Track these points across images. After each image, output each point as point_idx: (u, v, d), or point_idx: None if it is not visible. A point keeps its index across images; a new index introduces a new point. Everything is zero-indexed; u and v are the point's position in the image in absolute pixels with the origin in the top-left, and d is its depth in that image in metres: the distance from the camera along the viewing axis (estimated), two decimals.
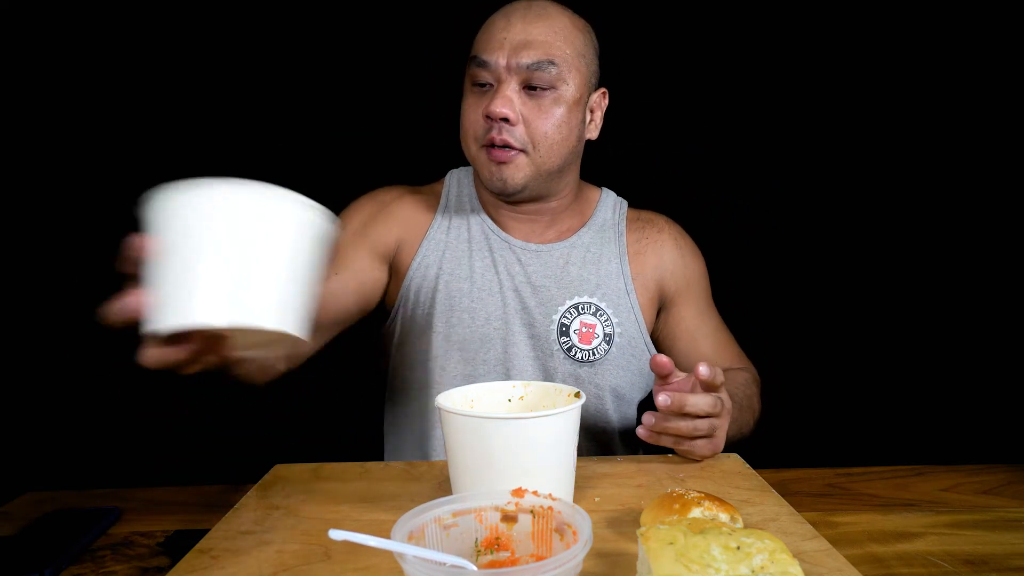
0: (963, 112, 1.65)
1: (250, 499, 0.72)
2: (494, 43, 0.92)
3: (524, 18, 0.92)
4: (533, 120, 0.92)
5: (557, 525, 0.50)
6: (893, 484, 0.81)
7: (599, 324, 1.00)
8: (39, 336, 1.67)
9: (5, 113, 1.61)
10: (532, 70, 0.90)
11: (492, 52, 0.91)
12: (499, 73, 0.91)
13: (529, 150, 0.93)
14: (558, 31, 0.93)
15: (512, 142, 0.92)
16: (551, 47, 0.91)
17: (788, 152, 1.72)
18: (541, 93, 0.92)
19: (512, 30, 0.91)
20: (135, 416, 1.69)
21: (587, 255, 1.03)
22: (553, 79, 0.91)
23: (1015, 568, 0.59)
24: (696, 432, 0.78)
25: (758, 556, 0.45)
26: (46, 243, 1.67)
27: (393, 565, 0.54)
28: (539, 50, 0.90)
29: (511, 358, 0.99)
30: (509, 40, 0.91)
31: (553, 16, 0.94)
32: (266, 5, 1.63)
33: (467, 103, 0.96)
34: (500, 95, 0.90)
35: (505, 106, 0.90)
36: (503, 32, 0.92)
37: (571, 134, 0.95)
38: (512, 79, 0.91)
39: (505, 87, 0.91)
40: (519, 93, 0.92)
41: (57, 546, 0.65)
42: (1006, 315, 1.66)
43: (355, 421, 1.43)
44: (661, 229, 1.09)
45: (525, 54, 0.90)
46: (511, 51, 0.90)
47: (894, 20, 1.64)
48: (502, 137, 0.91)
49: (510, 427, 0.59)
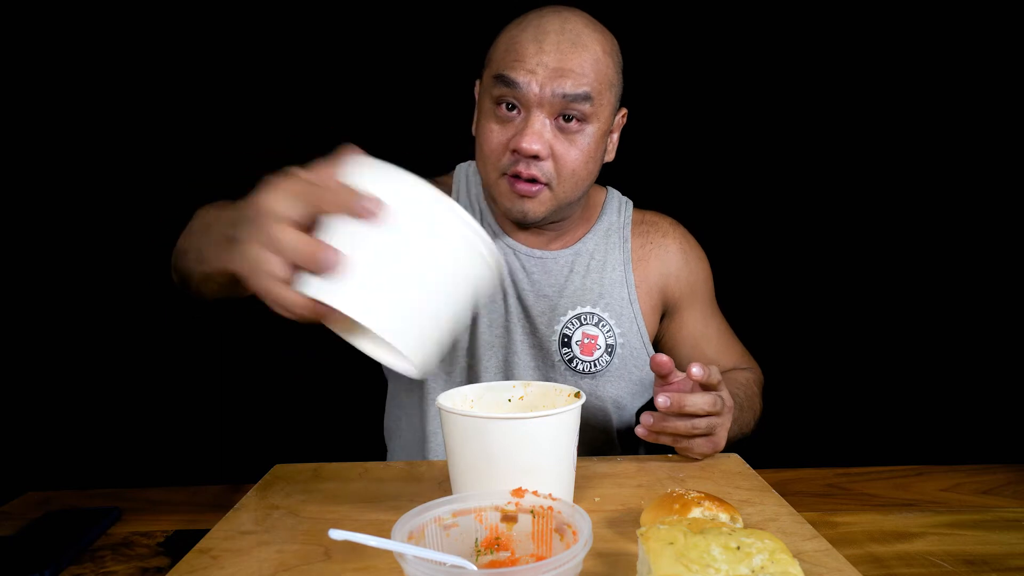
0: (963, 112, 1.65)
1: (250, 499, 0.72)
2: (526, 64, 0.84)
3: (559, 46, 0.84)
4: (563, 155, 0.87)
5: (557, 525, 0.50)
6: (893, 484, 0.81)
7: (601, 335, 0.99)
8: (39, 336, 1.67)
9: (5, 113, 1.61)
10: (568, 101, 0.84)
11: (524, 74, 0.84)
12: (529, 100, 0.84)
13: (554, 184, 0.89)
14: (594, 62, 0.86)
15: (539, 177, 0.87)
16: (588, 78, 0.85)
17: (791, 153, 1.72)
18: (571, 126, 0.86)
19: (545, 55, 0.84)
20: (135, 416, 1.69)
21: (591, 263, 1.02)
22: (588, 112, 0.86)
23: (1015, 568, 0.59)
24: (695, 431, 0.78)
25: (758, 556, 0.45)
26: (46, 243, 1.66)
27: (393, 565, 0.54)
28: (576, 81, 0.84)
29: (512, 367, 0.98)
30: (544, 64, 0.84)
31: (588, 45, 0.86)
32: (257, 15, 1.63)
33: (488, 127, 0.88)
34: (531, 130, 0.84)
35: (537, 142, 0.84)
36: (535, 56, 0.84)
37: (595, 167, 0.93)
38: (543, 110, 0.85)
39: (535, 119, 0.85)
40: (550, 126, 0.86)
41: (57, 546, 0.64)
42: (1006, 315, 1.66)
43: (355, 421, 1.43)
44: (666, 233, 1.08)
45: (561, 83, 0.84)
46: (545, 78, 0.84)
47: (894, 20, 1.64)
48: (530, 172, 0.86)
49: (510, 427, 0.59)
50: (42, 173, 1.66)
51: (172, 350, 1.71)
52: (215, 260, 0.62)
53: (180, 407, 1.70)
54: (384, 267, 0.48)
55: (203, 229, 0.70)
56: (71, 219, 1.67)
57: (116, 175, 1.69)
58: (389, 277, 0.48)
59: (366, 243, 0.48)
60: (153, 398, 1.70)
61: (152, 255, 1.71)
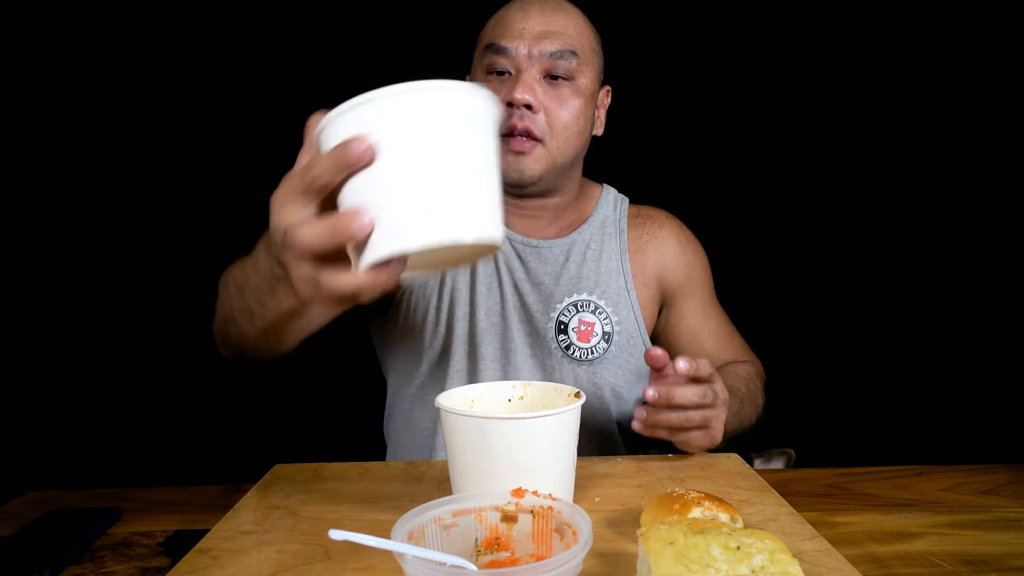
0: (963, 112, 1.65)
1: (250, 499, 0.72)
2: (513, 31, 0.91)
3: (543, 10, 0.93)
4: (554, 109, 0.92)
5: (557, 525, 0.50)
6: (893, 484, 0.81)
7: (598, 322, 0.99)
8: (39, 336, 1.67)
9: (5, 113, 1.61)
10: (555, 58, 0.90)
11: (512, 39, 0.91)
12: (519, 61, 0.91)
13: (547, 140, 0.92)
14: (577, 25, 0.94)
15: (534, 130, 0.91)
16: (571, 38, 0.92)
17: (791, 151, 1.72)
18: (561, 83, 0.92)
19: (531, 21, 0.92)
20: (135, 416, 1.69)
21: (588, 252, 1.03)
22: (573, 69, 0.92)
23: (1015, 568, 0.59)
24: (688, 423, 0.76)
25: (758, 556, 0.45)
26: (46, 243, 1.66)
27: (393, 565, 0.54)
28: (560, 40, 0.91)
29: (509, 354, 0.98)
30: (529, 30, 0.91)
31: (569, 10, 0.95)
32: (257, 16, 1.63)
33: None
34: (523, 82, 0.90)
35: (529, 92, 0.89)
36: (521, 23, 0.92)
37: (585, 127, 0.96)
38: (533, 67, 0.91)
39: (527, 74, 0.90)
40: (540, 82, 0.91)
41: (57, 546, 0.64)
42: (1006, 316, 1.66)
43: (355, 421, 1.43)
44: (662, 225, 1.09)
45: (547, 43, 0.90)
46: (532, 40, 0.91)
47: (894, 20, 1.64)
48: (524, 124, 0.90)
49: (510, 427, 0.59)
50: (42, 173, 1.66)
51: (172, 350, 1.71)
52: (272, 307, 0.62)
53: (180, 407, 1.70)
54: (406, 186, 0.45)
55: (239, 290, 0.69)
56: (71, 219, 1.67)
57: (116, 175, 1.69)
58: (416, 190, 0.45)
59: (378, 180, 0.46)
60: (153, 398, 1.70)
61: (152, 255, 1.72)
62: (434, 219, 0.45)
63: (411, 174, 0.45)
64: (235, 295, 0.70)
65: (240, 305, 0.69)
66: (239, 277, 0.70)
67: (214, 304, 0.79)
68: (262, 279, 0.62)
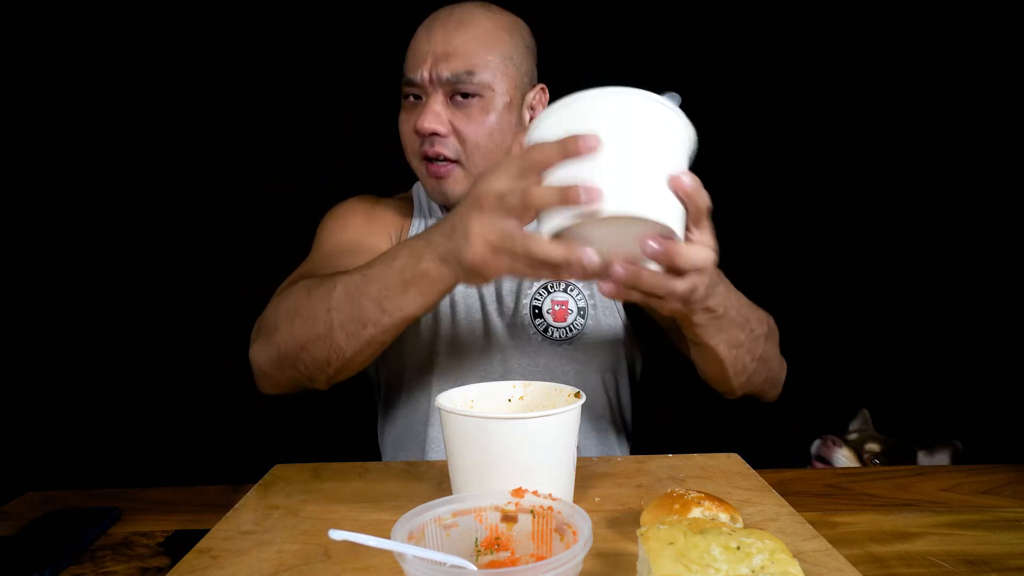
0: (964, 108, 1.65)
1: (250, 499, 0.72)
2: (418, 57, 0.92)
3: (444, 28, 0.92)
4: (463, 129, 0.91)
5: (557, 525, 0.50)
6: (893, 484, 0.81)
7: (571, 299, 1.00)
8: (39, 336, 1.67)
9: (5, 113, 1.61)
10: (453, 82, 0.90)
11: (416, 68, 0.91)
12: (424, 87, 0.91)
13: (463, 160, 0.92)
14: (479, 38, 0.91)
15: (446, 153, 0.92)
16: (471, 56, 0.90)
17: (791, 150, 1.72)
18: (468, 101, 0.91)
19: (433, 41, 0.91)
20: (135, 416, 1.69)
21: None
22: (477, 87, 0.90)
23: (1015, 568, 0.59)
24: (675, 290, 0.62)
25: (758, 556, 0.45)
26: (46, 243, 1.66)
27: (393, 565, 0.54)
28: (459, 61, 0.90)
29: (491, 347, 0.99)
30: (432, 52, 0.91)
31: (475, 22, 0.92)
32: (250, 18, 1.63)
33: (401, 118, 0.97)
34: (427, 111, 0.90)
35: (432, 121, 0.90)
36: (425, 44, 0.92)
37: (505, 139, 0.94)
38: (438, 92, 0.91)
39: (432, 101, 0.91)
40: (446, 105, 0.91)
41: (57, 546, 0.64)
42: (1006, 316, 1.66)
43: (355, 421, 1.43)
44: None
45: (444, 66, 0.90)
46: (432, 64, 0.90)
47: (894, 19, 1.64)
48: (435, 150, 0.91)
49: (510, 427, 0.59)
50: (42, 173, 1.66)
51: (172, 350, 1.71)
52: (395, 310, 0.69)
53: (180, 407, 1.70)
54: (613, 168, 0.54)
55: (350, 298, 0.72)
56: (71, 219, 1.67)
57: (116, 175, 1.68)
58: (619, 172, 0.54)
59: (596, 162, 0.54)
60: (153, 398, 1.70)
61: (152, 255, 1.72)
62: (628, 196, 0.54)
63: (619, 163, 0.55)
64: (344, 305, 0.72)
65: (350, 314, 0.71)
66: (355, 286, 0.71)
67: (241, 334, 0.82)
68: (393, 281, 0.68)
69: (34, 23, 1.60)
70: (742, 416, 1.47)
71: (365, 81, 1.67)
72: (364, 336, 0.72)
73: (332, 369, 0.77)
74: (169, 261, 1.70)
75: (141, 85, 1.66)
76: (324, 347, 0.74)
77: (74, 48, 1.62)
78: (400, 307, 0.69)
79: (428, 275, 0.66)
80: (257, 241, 1.66)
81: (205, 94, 1.68)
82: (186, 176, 1.70)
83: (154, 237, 1.70)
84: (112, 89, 1.65)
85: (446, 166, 0.92)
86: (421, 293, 0.67)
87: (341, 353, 0.74)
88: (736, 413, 1.64)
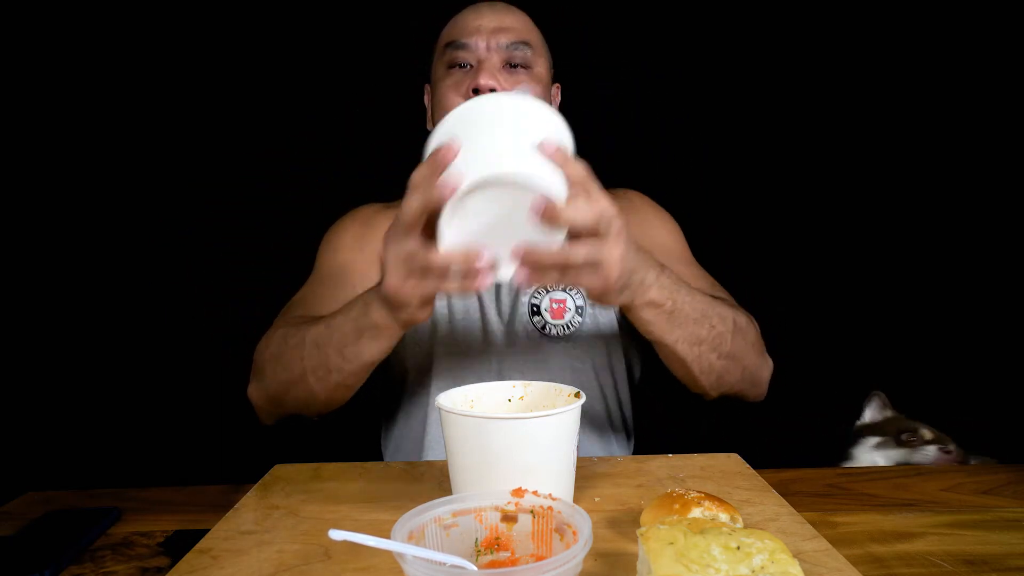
0: (968, 101, 1.65)
1: (250, 499, 0.72)
2: (470, 28, 0.98)
3: (493, 9, 1.00)
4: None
5: (557, 525, 0.50)
6: (893, 484, 0.81)
7: (569, 298, 1.01)
8: (39, 336, 1.67)
9: (5, 113, 1.61)
10: (511, 49, 0.97)
11: (470, 35, 0.97)
12: (479, 53, 0.97)
13: None
14: (526, 21, 1.02)
15: None
16: (524, 31, 0.99)
17: (790, 150, 1.72)
18: (520, 71, 0.98)
19: (484, 19, 0.98)
20: (135, 416, 1.69)
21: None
22: (530, 59, 0.98)
23: (1015, 568, 0.59)
24: (574, 259, 0.62)
25: (758, 556, 0.45)
26: (46, 243, 1.66)
27: (393, 565, 0.54)
28: (514, 33, 0.98)
29: (490, 346, 1.00)
30: (485, 26, 0.97)
31: (517, 11, 1.03)
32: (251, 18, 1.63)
33: (446, 84, 0.99)
34: (486, 69, 0.95)
35: (492, 78, 0.94)
36: (476, 21, 0.98)
37: None
38: (493, 56, 0.96)
39: (488, 62, 0.96)
40: (501, 70, 0.97)
41: (57, 546, 0.64)
42: (1006, 316, 1.66)
43: (355, 421, 1.43)
44: (618, 195, 1.06)
45: (503, 35, 0.97)
46: (489, 34, 0.97)
47: (894, 19, 1.64)
48: None
49: (510, 427, 0.59)
50: (42, 173, 1.66)
51: (172, 350, 1.71)
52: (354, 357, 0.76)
53: (180, 407, 1.70)
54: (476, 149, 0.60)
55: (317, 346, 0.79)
56: (71, 219, 1.67)
57: (116, 175, 1.68)
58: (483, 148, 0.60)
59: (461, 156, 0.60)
60: (153, 398, 1.70)
61: (152, 255, 1.72)
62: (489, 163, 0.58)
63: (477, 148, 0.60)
64: (311, 353, 0.79)
65: (316, 362, 0.79)
66: (320, 335, 0.78)
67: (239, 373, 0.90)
68: (349, 330, 0.74)
69: (34, 23, 1.60)
70: (742, 416, 1.47)
71: (365, 81, 1.67)
72: (332, 381, 0.79)
73: (314, 408, 0.85)
74: (169, 261, 1.70)
75: (141, 85, 1.66)
76: (302, 390, 0.82)
77: (74, 48, 1.62)
78: (358, 355, 0.75)
79: (375, 324, 0.72)
80: (257, 241, 1.66)
81: (206, 95, 1.68)
82: (186, 176, 1.70)
83: (154, 237, 1.70)
84: (112, 89, 1.65)
85: None
86: (374, 340, 0.74)
87: (315, 396, 0.82)
88: (736, 413, 1.64)
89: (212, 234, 1.69)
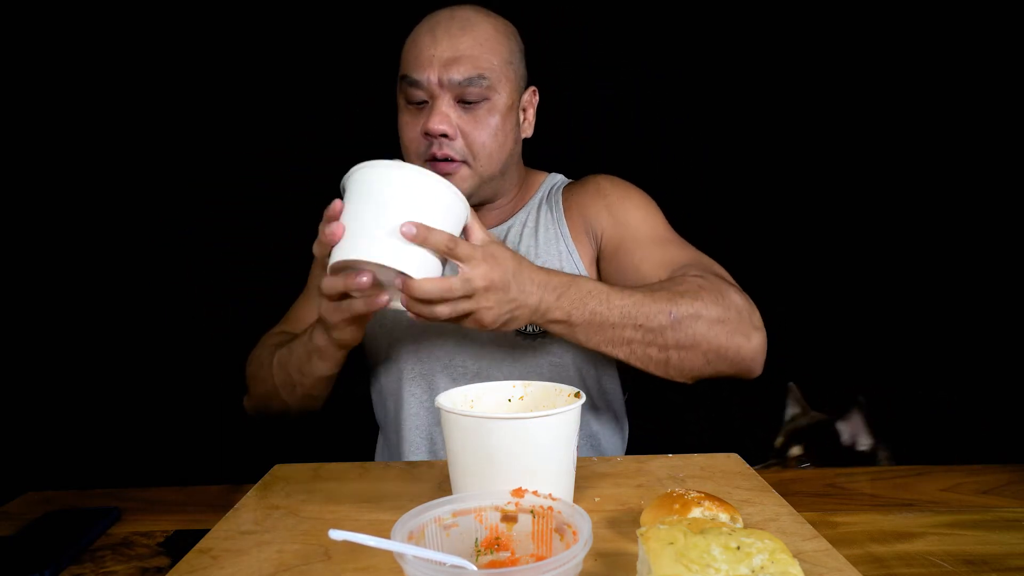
0: (965, 101, 1.65)
1: (250, 499, 0.72)
2: (423, 60, 0.92)
3: (448, 32, 0.92)
4: (470, 132, 0.93)
5: (557, 525, 0.50)
6: (893, 484, 0.81)
7: None
8: (39, 336, 1.67)
9: (5, 113, 1.61)
10: (464, 86, 0.91)
11: (422, 70, 0.91)
12: (432, 90, 0.92)
13: (470, 161, 0.94)
14: (483, 43, 0.93)
15: (453, 155, 0.93)
16: (479, 61, 0.92)
17: (792, 150, 1.72)
18: (475, 106, 0.93)
19: (439, 46, 0.91)
20: (135, 416, 1.69)
21: (524, 230, 1.04)
22: (484, 92, 0.92)
23: (1015, 568, 0.59)
24: (438, 315, 0.70)
25: (758, 556, 0.45)
26: (46, 243, 1.66)
27: (393, 565, 0.54)
28: (468, 65, 0.91)
29: (467, 347, 1.00)
30: (438, 57, 0.91)
31: (477, 27, 0.94)
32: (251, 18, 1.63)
33: (403, 121, 0.97)
34: (436, 112, 0.91)
35: (443, 123, 0.91)
36: (430, 49, 0.92)
37: (507, 139, 0.96)
38: (445, 94, 0.92)
39: (440, 103, 0.92)
40: (454, 107, 0.92)
41: (57, 546, 0.64)
42: (1006, 316, 1.66)
43: (355, 421, 1.43)
44: (587, 183, 1.06)
45: (455, 70, 0.90)
46: (441, 68, 0.91)
47: (894, 19, 1.64)
48: (443, 152, 0.92)
49: (510, 427, 0.59)
50: (42, 174, 1.66)
51: (172, 350, 1.71)
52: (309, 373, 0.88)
53: (180, 407, 1.70)
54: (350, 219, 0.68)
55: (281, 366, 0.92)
56: (71, 219, 1.67)
57: (116, 175, 1.69)
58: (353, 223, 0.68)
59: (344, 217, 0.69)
60: (153, 398, 1.70)
61: (152, 255, 1.72)
62: (351, 246, 0.67)
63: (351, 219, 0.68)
64: (278, 371, 0.92)
65: (282, 379, 0.92)
66: (283, 356, 0.91)
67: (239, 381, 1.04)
68: (302, 352, 0.87)
69: (34, 23, 1.60)
70: (742, 416, 1.47)
71: (365, 81, 1.67)
72: (297, 393, 0.92)
73: (293, 414, 0.98)
74: (169, 261, 1.71)
75: (141, 85, 1.66)
76: (277, 401, 0.96)
77: (74, 49, 1.62)
78: (312, 372, 0.87)
79: (319, 346, 0.83)
80: (257, 241, 1.66)
81: (205, 94, 1.68)
82: (186, 176, 1.70)
83: (154, 237, 1.71)
84: (112, 89, 1.65)
85: (453, 164, 0.93)
86: (321, 360, 0.85)
87: (289, 405, 0.95)
88: (736, 413, 1.64)
89: (212, 234, 1.69)
